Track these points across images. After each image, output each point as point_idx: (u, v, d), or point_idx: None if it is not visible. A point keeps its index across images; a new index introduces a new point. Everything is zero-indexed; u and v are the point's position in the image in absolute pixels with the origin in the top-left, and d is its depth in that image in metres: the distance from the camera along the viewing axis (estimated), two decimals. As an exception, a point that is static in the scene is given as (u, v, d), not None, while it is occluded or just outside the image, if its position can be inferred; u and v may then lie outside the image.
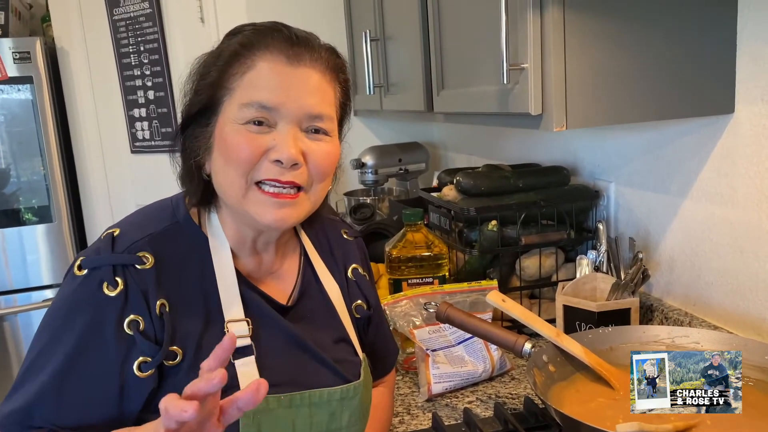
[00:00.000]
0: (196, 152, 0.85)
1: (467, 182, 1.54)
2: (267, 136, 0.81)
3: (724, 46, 1.07)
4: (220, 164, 0.83)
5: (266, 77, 0.81)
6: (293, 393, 0.85)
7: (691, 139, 1.23)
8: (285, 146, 0.80)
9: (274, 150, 0.80)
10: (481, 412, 1.15)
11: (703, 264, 1.24)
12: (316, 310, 0.96)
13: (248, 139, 0.80)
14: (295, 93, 0.82)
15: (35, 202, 2.60)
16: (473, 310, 1.29)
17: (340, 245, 1.04)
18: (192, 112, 0.85)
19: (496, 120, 1.22)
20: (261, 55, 0.82)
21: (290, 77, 0.82)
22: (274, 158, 0.80)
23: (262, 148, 0.81)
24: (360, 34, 1.90)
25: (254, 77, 0.81)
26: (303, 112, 0.82)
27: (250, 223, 0.86)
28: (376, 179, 2.43)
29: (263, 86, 0.81)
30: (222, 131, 0.82)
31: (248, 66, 0.82)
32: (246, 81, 0.81)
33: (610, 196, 1.51)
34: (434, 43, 1.46)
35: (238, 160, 0.80)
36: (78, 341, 0.78)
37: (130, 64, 2.62)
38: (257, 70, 0.81)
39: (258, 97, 0.80)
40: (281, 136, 0.81)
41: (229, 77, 0.82)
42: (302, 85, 0.82)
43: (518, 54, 1.03)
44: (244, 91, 0.81)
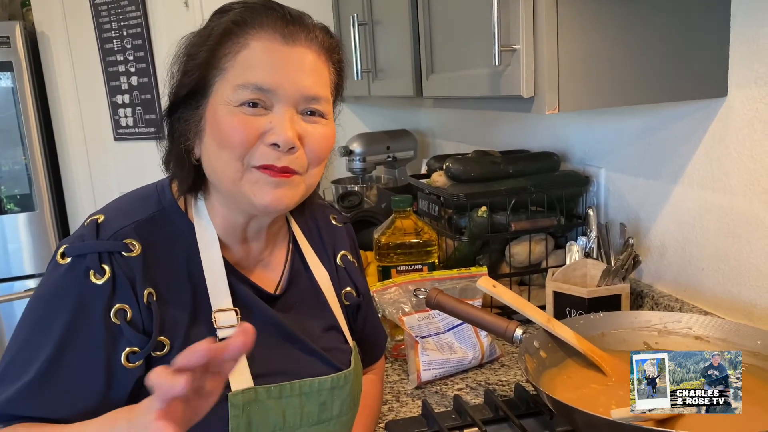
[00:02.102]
0: (186, 136, 0.82)
1: (457, 168, 1.52)
2: (263, 118, 0.78)
3: (717, 29, 1.06)
4: (213, 148, 0.79)
5: (261, 57, 0.78)
6: (283, 383, 0.83)
7: (683, 124, 1.22)
8: (282, 129, 0.77)
9: (271, 133, 0.77)
10: (470, 399, 1.14)
11: (694, 250, 1.24)
12: (305, 298, 0.94)
13: (243, 121, 0.77)
14: (292, 74, 0.79)
15: (17, 191, 2.56)
16: (463, 296, 1.28)
17: (329, 231, 1.02)
18: (181, 94, 0.81)
19: (486, 104, 1.21)
20: (255, 34, 0.78)
21: (286, 57, 0.79)
22: (270, 141, 0.77)
23: (258, 131, 0.77)
24: (347, 18, 1.88)
25: (248, 57, 0.78)
26: (300, 94, 0.79)
27: (243, 208, 0.83)
28: (364, 167, 2.41)
29: (258, 66, 0.78)
30: (214, 113, 0.79)
31: (241, 45, 0.78)
32: (240, 61, 0.78)
33: (600, 182, 1.50)
34: (423, 27, 1.43)
35: (233, 144, 0.77)
36: (64, 331, 0.76)
37: (113, 49, 2.57)
38: (251, 50, 0.78)
39: (254, 78, 0.77)
40: (278, 119, 0.78)
41: (220, 57, 0.79)
42: (298, 66, 0.79)
43: (510, 35, 1.01)
44: (238, 72, 0.78)
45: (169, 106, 0.83)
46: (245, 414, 0.80)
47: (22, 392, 0.75)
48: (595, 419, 0.80)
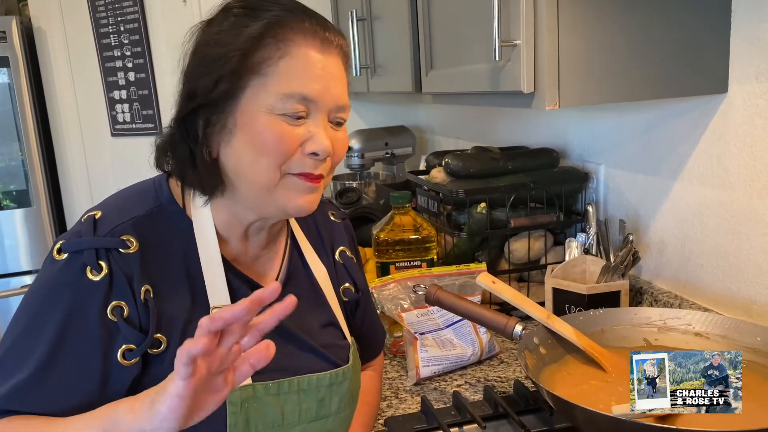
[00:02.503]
0: (211, 138, 0.79)
1: (456, 164, 1.52)
2: (301, 127, 0.78)
3: (718, 25, 1.06)
4: (248, 154, 0.78)
5: (305, 66, 0.77)
6: (281, 380, 0.83)
7: (683, 120, 1.21)
8: (321, 138, 0.78)
9: (312, 142, 0.78)
10: (470, 395, 1.14)
11: (693, 246, 1.24)
12: (304, 294, 0.93)
13: (286, 131, 0.77)
14: (330, 83, 0.79)
15: (13, 187, 2.54)
16: (462, 293, 1.28)
17: (328, 227, 1.02)
18: (212, 99, 0.77)
19: (486, 99, 1.20)
20: (296, 40, 0.77)
21: (324, 66, 0.79)
22: (310, 150, 0.78)
23: (298, 141, 0.78)
24: (346, 14, 1.87)
25: (292, 65, 0.77)
26: (335, 104, 0.80)
27: (268, 211, 0.83)
28: (362, 163, 2.41)
29: (303, 76, 0.77)
30: (252, 120, 0.77)
31: (284, 51, 0.76)
32: (282, 68, 0.76)
33: (599, 179, 1.50)
34: (423, 22, 1.43)
35: (276, 153, 0.77)
36: (60, 328, 0.75)
37: (110, 44, 2.56)
38: (294, 58, 0.77)
39: (300, 89, 0.76)
40: (316, 128, 0.78)
41: (259, 62, 0.76)
42: (333, 75, 0.80)
43: (510, 30, 1.00)
44: (282, 80, 0.76)
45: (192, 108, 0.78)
46: (243, 411, 0.79)
47: (17, 388, 0.75)
48: (596, 415, 0.79)
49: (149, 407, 0.66)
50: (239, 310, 0.60)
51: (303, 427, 0.85)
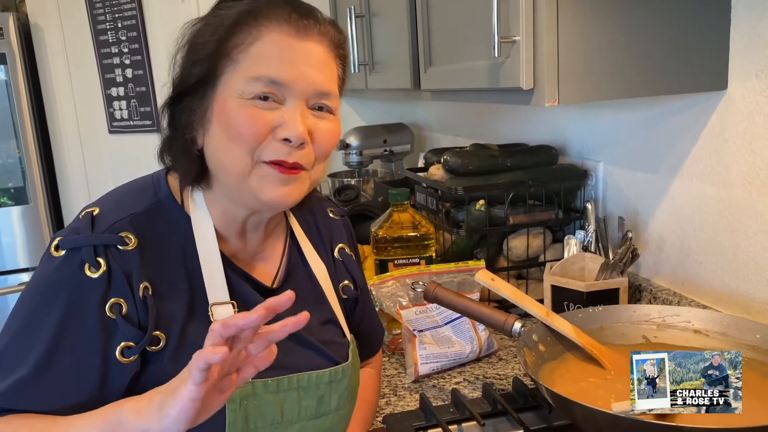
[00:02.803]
0: (191, 126, 0.80)
1: (455, 161, 1.52)
2: (275, 112, 0.77)
3: (718, 21, 1.05)
4: (222, 140, 0.78)
5: (275, 50, 0.77)
6: (281, 377, 0.83)
7: (682, 117, 1.21)
8: (294, 124, 0.76)
9: (283, 127, 0.76)
10: (468, 393, 1.14)
11: (692, 243, 1.24)
12: (303, 291, 0.93)
13: (255, 114, 0.76)
14: (305, 68, 0.78)
15: (10, 185, 2.54)
16: (460, 290, 1.27)
17: (327, 224, 1.01)
18: (189, 84, 0.79)
19: (485, 96, 1.20)
20: (268, 26, 0.77)
21: (299, 51, 0.78)
22: (282, 136, 0.76)
23: (269, 125, 0.77)
24: (344, 11, 1.86)
25: (261, 49, 0.77)
26: (312, 89, 0.79)
27: (247, 201, 0.82)
28: (360, 160, 2.41)
29: (272, 59, 0.77)
30: (224, 105, 0.77)
31: (254, 37, 0.77)
32: (253, 53, 0.77)
33: (598, 176, 1.50)
34: (422, 19, 1.42)
35: (244, 137, 0.76)
36: (58, 325, 0.75)
37: (108, 41, 2.55)
38: (264, 42, 0.77)
39: (268, 72, 0.76)
40: (289, 113, 0.77)
41: (232, 48, 0.77)
42: (311, 60, 0.79)
43: (510, 26, 1.00)
44: (251, 64, 0.76)
45: (174, 95, 0.81)
46: (242, 408, 0.79)
47: (15, 387, 0.74)
48: (595, 413, 0.79)
49: (157, 410, 0.65)
50: (254, 318, 0.60)
51: (302, 425, 0.84)
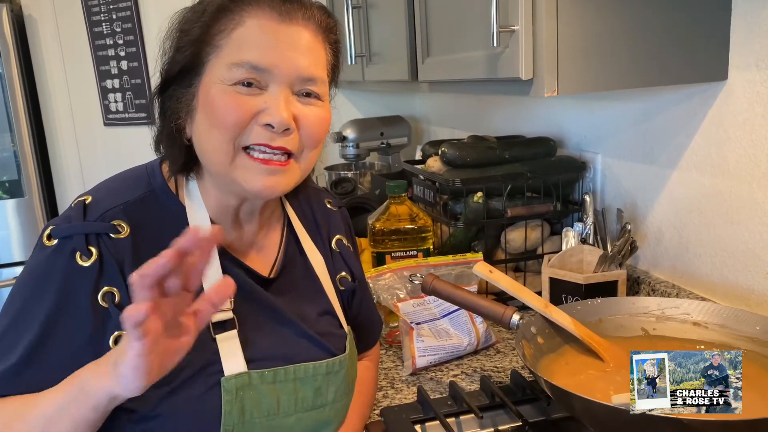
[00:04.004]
0: (177, 115, 0.80)
1: (452, 153, 1.51)
2: (257, 98, 0.76)
3: (718, 11, 1.05)
4: (205, 128, 0.77)
5: (257, 35, 0.76)
6: (277, 368, 0.82)
7: (682, 108, 1.20)
8: (277, 109, 0.75)
9: (265, 113, 0.75)
10: (466, 385, 1.13)
11: (691, 235, 1.23)
12: (300, 282, 0.93)
13: (237, 101, 0.75)
14: (289, 53, 0.76)
15: (5, 178, 2.52)
16: (458, 283, 1.27)
17: (324, 215, 1.00)
18: (173, 72, 0.79)
19: (484, 87, 1.19)
20: (250, 11, 0.76)
21: (283, 36, 0.77)
22: (264, 122, 0.75)
23: (251, 111, 0.75)
24: (341, 2, 1.85)
25: (243, 35, 0.76)
26: (296, 74, 0.77)
27: (235, 191, 0.81)
28: (357, 153, 2.39)
29: (254, 45, 0.76)
30: (207, 92, 0.77)
31: (236, 22, 0.76)
32: (234, 39, 0.76)
33: (597, 168, 1.49)
34: (419, 9, 1.41)
35: (226, 124, 0.75)
36: (49, 313, 0.74)
37: (102, 33, 2.53)
38: (246, 27, 0.76)
39: (249, 57, 0.75)
40: (272, 99, 0.76)
41: (214, 34, 0.77)
42: (295, 45, 0.77)
43: (509, 15, 0.99)
44: (233, 50, 0.76)
45: (161, 83, 0.81)
46: (238, 399, 0.78)
47: (5, 374, 0.74)
48: (594, 405, 0.79)
49: (113, 370, 0.65)
50: (164, 261, 0.58)
51: (299, 417, 0.84)
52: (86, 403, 0.68)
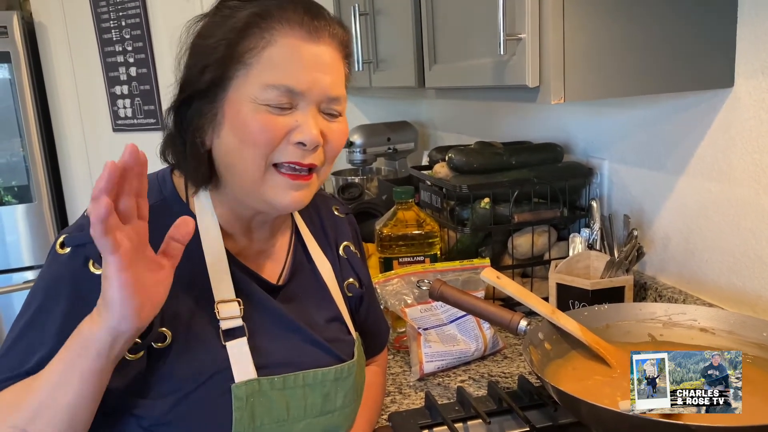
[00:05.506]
0: (203, 130, 0.80)
1: (459, 159, 1.51)
2: (288, 117, 0.77)
3: (724, 18, 1.05)
4: (235, 145, 0.78)
5: (288, 56, 0.77)
6: (287, 374, 0.83)
7: (688, 115, 1.21)
8: (308, 128, 0.77)
9: (297, 132, 0.77)
10: (474, 391, 1.14)
11: (698, 241, 1.23)
12: (308, 288, 0.94)
13: (271, 120, 0.76)
14: (318, 74, 0.78)
15: (14, 183, 2.54)
16: (465, 288, 1.27)
17: (332, 222, 1.01)
18: (200, 88, 0.78)
19: (491, 94, 1.19)
20: (280, 29, 0.77)
21: (312, 56, 0.78)
22: (297, 140, 0.77)
23: (284, 130, 0.77)
24: (348, 9, 1.86)
25: (275, 55, 0.76)
26: (324, 94, 0.79)
27: (257, 205, 0.82)
28: (364, 158, 2.40)
29: (287, 66, 0.77)
30: (238, 110, 0.77)
31: (267, 41, 0.77)
32: (266, 58, 0.76)
33: (603, 174, 1.49)
34: (426, 16, 1.42)
35: (259, 142, 0.77)
36: (64, 320, 0.75)
37: (111, 39, 2.55)
38: (278, 47, 0.77)
39: (283, 80, 0.76)
40: (303, 117, 0.78)
41: (244, 51, 0.77)
42: (323, 65, 0.79)
43: (515, 24, 1.00)
44: (265, 70, 0.76)
45: (184, 98, 0.80)
46: (249, 405, 0.79)
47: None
48: (601, 411, 0.79)
49: (103, 304, 0.66)
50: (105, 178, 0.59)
51: (308, 422, 0.84)
52: (89, 351, 0.67)
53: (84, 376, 0.68)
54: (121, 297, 0.64)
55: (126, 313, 0.65)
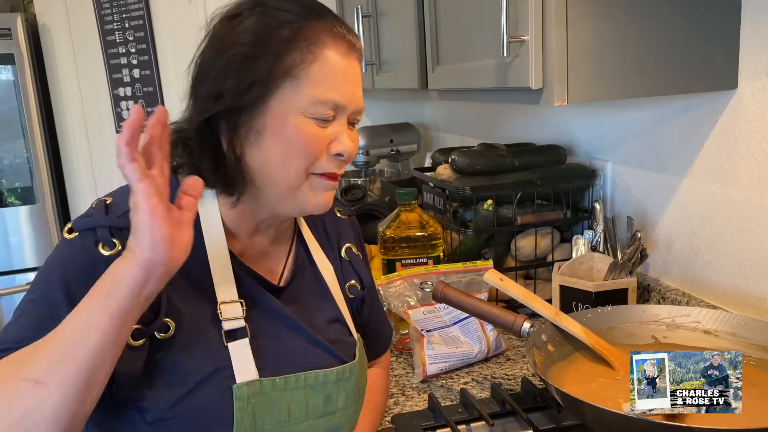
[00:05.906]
0: (239, 139, 0.79)
1: (463, 161, 1.51)
2: (328, 129, 0.81)
3: (727, 20, 1.05)
4: (276, 155, 0.79)
5: (333, 72, 0.79)
6: (288, 375, 0.83)
7: (692, 117, 1.21)
8: (345, 139, 0.81)
9: (336, 143, 0.81)
10: (477, 393, 1.13)
11: (701, 243, 1.23)
12: (310, 290, 0.94)
13: (317, 133, 0.79)
14: (353, 89, 0.82)
15: (18, 184, 2.54)
16: (469, 290, 1.27)
17: (334, 224, 1.01)
18: (245, 103, 0.77)
19: (494, 96, 1.20)
20: (326, 43, 0.79)
21: (348, 71, 0.81)
22: (336, 151, 0.81)
23: (326, 142, 0.81)
24: (351, 10, 1.86)
25: (322, 71, 0.78)
26: (356, 107, 0.83)
27: (290, 210, 0.85)
28: (367, 160, 2.40)
29: (333, 82, 0.79)
30: (284, 122, 0.78)
31: (315, 55, 0.78)
32: (313, 73, 0.78)
33: (606, 176, 1.49)
34: (429, 18, 1.42)
35: (306, 154, 0.79)
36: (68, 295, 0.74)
37: (115, 41, 2.55)
38: (324, 62, 0.78)
39: (332, 96, 0.79)
40: (340, 129, 0.81)
41: (291, 65, 0.77)
42: (355, 80, 0.82)
43: (519, 26, 1.00)
44: (314, 85, 0.78)
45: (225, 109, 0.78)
46: (250, 406, 0.79)
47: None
48: (605, 413, 0.79)
49: (133, 237, 0.65)
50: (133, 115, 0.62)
51: (310, 423, 0.84)
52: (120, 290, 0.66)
53: (114, 316, 0.66)
54: (151, 223, 0.64)
55: (157, 239, 0.64)
